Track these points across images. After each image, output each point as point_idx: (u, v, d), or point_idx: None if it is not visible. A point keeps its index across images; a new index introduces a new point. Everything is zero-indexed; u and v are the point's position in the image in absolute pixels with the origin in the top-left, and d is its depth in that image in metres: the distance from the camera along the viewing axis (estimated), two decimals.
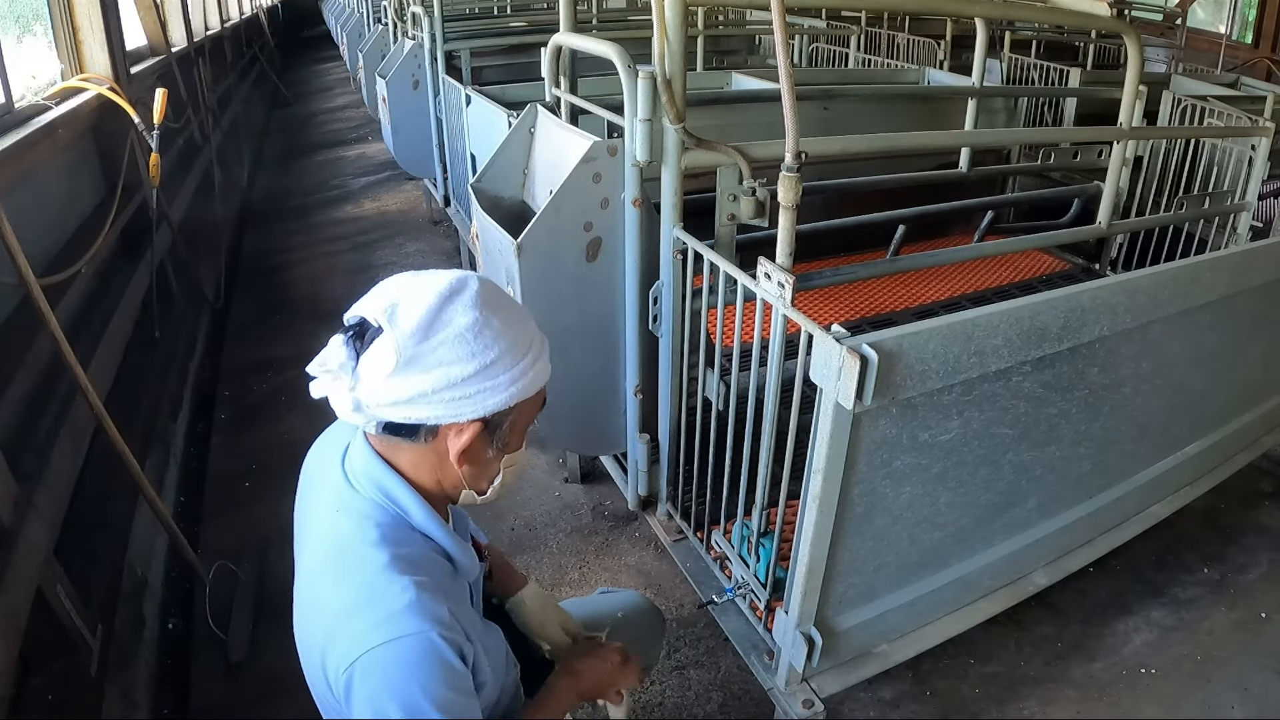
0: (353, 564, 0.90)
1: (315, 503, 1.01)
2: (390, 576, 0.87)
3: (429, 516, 0.96)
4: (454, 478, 0.97)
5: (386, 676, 0.84)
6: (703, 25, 3.96)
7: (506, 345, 0.89)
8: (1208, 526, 2.40)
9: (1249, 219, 2.44)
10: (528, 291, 1.77)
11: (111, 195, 3.10)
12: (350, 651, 0.85)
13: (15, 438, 1.90)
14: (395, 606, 0.85)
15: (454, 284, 0.89)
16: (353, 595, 0.88)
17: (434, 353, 0.86)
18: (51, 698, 1.59)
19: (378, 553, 0.89)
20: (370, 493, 0.95)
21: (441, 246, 5.01)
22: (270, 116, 9.56)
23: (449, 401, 0.88)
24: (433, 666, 0.85)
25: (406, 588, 0.86)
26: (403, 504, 0.95)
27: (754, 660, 1.65)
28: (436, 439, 0.93)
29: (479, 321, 0.88)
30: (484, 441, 0.95)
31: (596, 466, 2.68)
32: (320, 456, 1.05)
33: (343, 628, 0.87)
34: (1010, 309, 1.32)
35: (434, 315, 0.87)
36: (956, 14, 3.69)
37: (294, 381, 3.42)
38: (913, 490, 1.44)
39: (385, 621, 0.85)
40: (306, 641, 0.93)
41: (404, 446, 0.94)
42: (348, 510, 0.94)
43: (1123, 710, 1.86)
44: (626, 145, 1.67)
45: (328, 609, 0.89)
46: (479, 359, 0.87)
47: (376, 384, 0.87)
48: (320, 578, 0.93)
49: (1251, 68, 6.29)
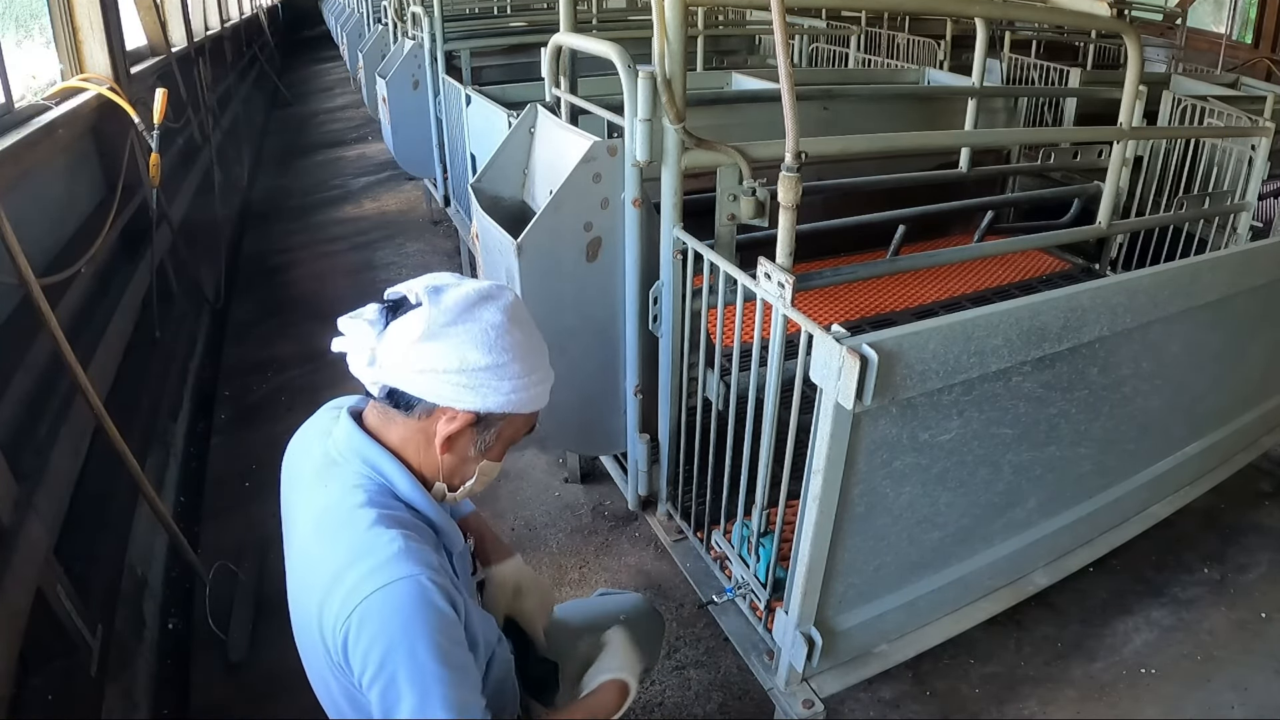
0: (341, 525, 0.93)
1: (299, 486, 1.04)
2: (378, 530, 0.91)
3: (414, 487, 0.99)
4: (433, 464, 1.00)
5: (383, 621, 0.86)
6: (703, 25, 3.96)
7: (518, 355, 0.96)
8: (1208, 526, 2.40)
9: (1249, 219, 2.44)
10: (528, 291, 1.76)
11: (111, 195, 3.10)
12: (346, 604, 0.87)
13: (15, 438, 1.90)
14: (385, 555, 0.89)
15: (494, 290, 0.98)
16: (344, 552, 0.90)
17: (458, 336, 0.93)
18: (51, 698, 1.59)
19: (365, 511, 0.93)
20: (355, 465, 0.99)
21: (441, 246, 5.01)
22: (270, 116, 9.56)
23: (454, 385, 0.94)
24: (426, 611, 0.88)
25: (394, 538, 0.90)
26: (387, 474, 0.98)
27: (754, 660, 1.65)
28: (429, 418, 0.97)
29: (504, 326, 0.95)
30: (469, 437, 0.99)
31: (596, 466, 2.68)
32: (298, 448, 1.09)
33: (337, 583, 0.89)
34: (1010, 309, 1.32)
35: (470, 305, 0.94)
36: (956, 14, 3.69)
37: (294, 381, 3.42)
38: (913, 490, 1.44)
39: (377, 569, 0.88)
40: (303, 615, 0.95)
41: (397, 420, 0.99)
42: (332, 480, 0.98)
43: (1123, 710, 1.86)
44: (626, 145, 1.67)
45: (321, 572, 0.91)
46: (493, 356, 0.94)
47: (398, 346, 0.93)
48: (311, 546, 0.95)
49: (1251, 68, 6.29)
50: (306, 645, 0.96)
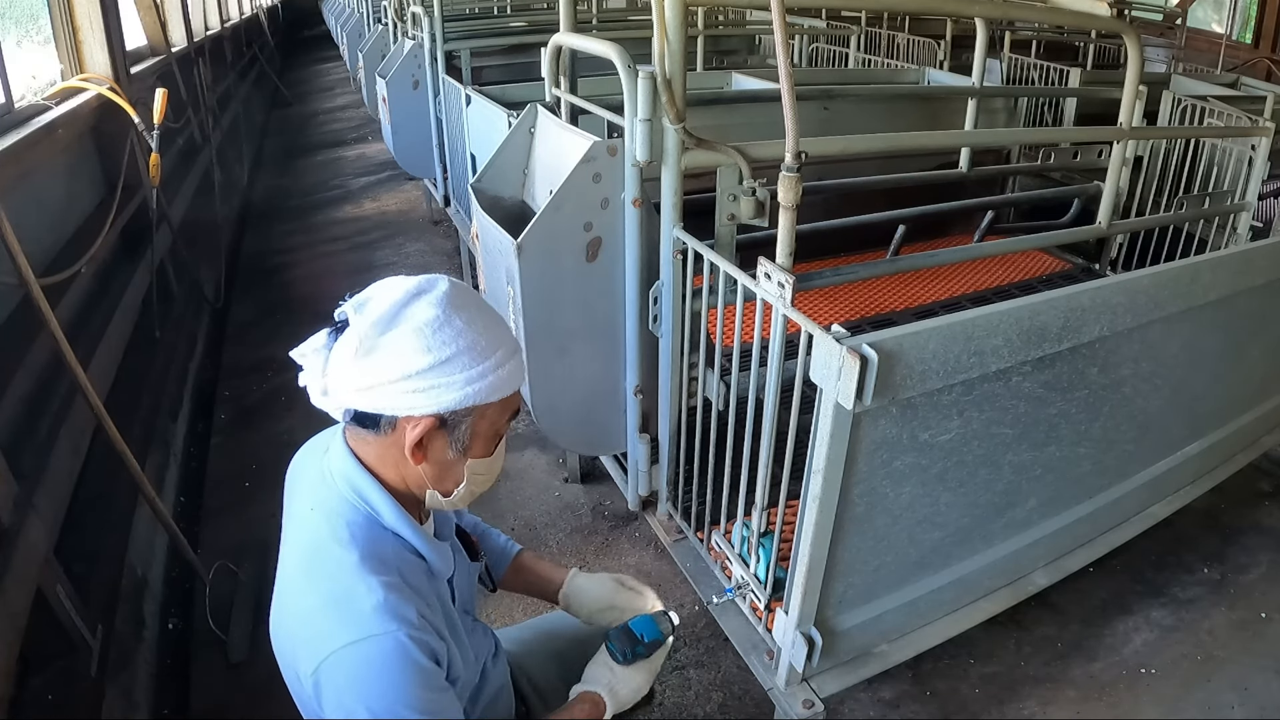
0: (323, 564, 0.92)
1: (297, 502, 1.03)
2: (359, 576, 0.89)
3: (399, 516, 0.97)
4: (415, 476, 0.98)
5: (355, 675, 0.86)
6: (703, 25, 3.96)
7: (465, 345, 0.90)
8: (1208, 526, 2.40)
9: (1249, 219, 2.44)
10: (528, 291, 1.77)
11: (111, 195, 3.10)
12: (319, 651, 0.86)
13: (15, 438, 1.90)
14: (363, 607, 0.87)
15: (423, 284, 0.93)
16: (322, 595, 0.90)
17: (392, 342, 0.89)
18: (51, 698, 1.59)
19: (347, 552, 0.91)
20: (344, 490, 0.97)
21: (441, 246, 5.01)
22: (270, 116, 9.57)
23: (404, 393, 0.90)
24: (402, 666, 0.87)
25: (374, 588, 0.88)
26: (373, 503, 0.96)
27: (754, 660, 1.64)
28: (395, 431, 0.94)
29: (439, 319, 0.90)
30: (441, 440, 0.95)
31: (596, 466, 2.68)
32: (303, 459, 1.08)
33: (313, 626, 0.88)
34: (1010, 309, 1.32)
35: (397, 309, 0.90)
36: (956, 14, 3.69)
37: (294, 381, 3.37)
38: (913, 490, 1.44)
39: (353, 623, 0.86)
40: (282, 641, 0.94)
41: (369, 439, 0.96)
42: (321, 508, 0.96)
43: (1123, 710, 1.86)
44: (626, 145, 1.67)
45: (299, 608, 0.91)
46: (434, 354, 0.89)
47: (341, 370, 0.91)
48: (293, 578, 0.94)
49: (1251, 68, 6.29)
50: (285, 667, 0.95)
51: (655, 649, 1.22)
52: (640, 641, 1.21)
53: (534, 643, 1.41)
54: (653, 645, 1.21)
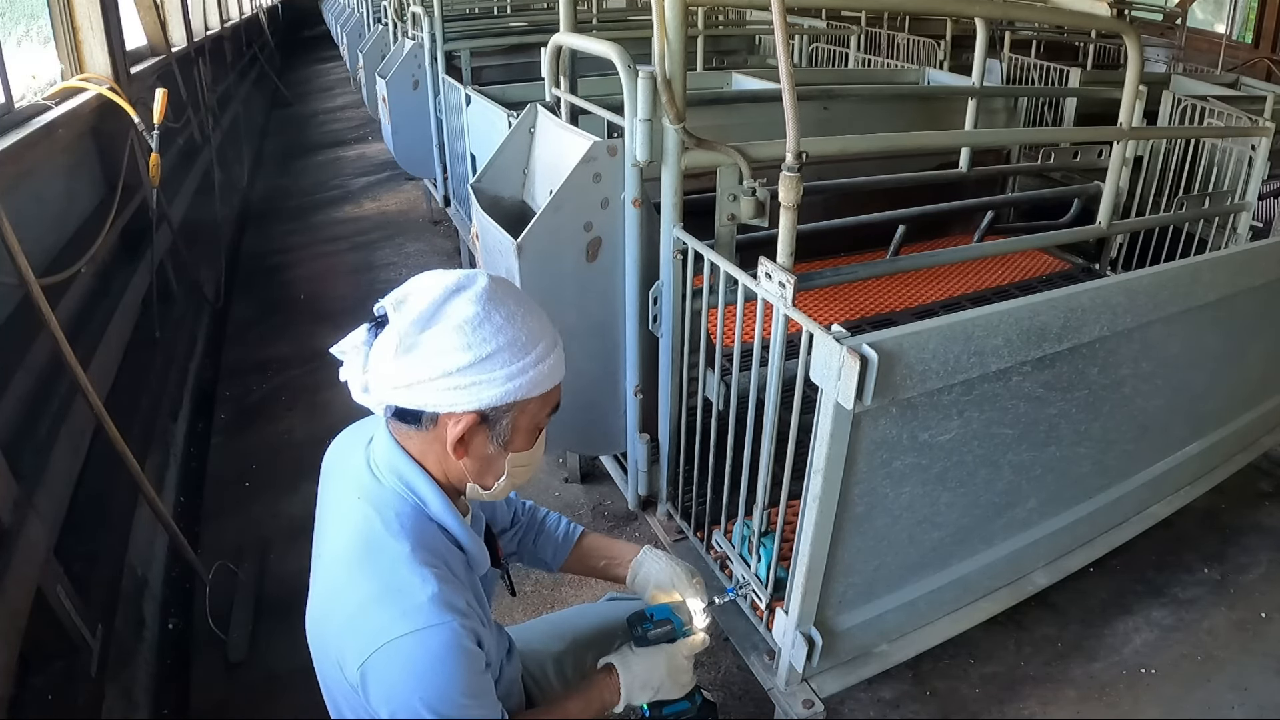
0: (375, 554, 0.92)
1: (337, 491, 1.03)
2: (412, 568, 0.90)
3: (445, 507, 0.98)
4: (458, 469, 0.98)
5: (411, 666, 0.86)
6: (703, 25, 3.96)
7: (505, 341, 0.91)
8: (1208, 526, 2.39)
9: (1249, 219, 2.44)
10: (527, 291, 1.76)
11: (111, 195, 3.10)
12: (372, 641, 0.86)
13: (15, 438, 1.90)
14: (419, 598, 0.88)
15: (462, 280, 0.92)
16: (376, 585, 0.90)
17: (432, 341, 0.89)
18: (51, 698, 1.59)
19: (400, 544, 0.92)
20: (392, 482, 0.97)
21: (441, 246, 5.01)
22: (270, 116, 9.56)
23: (445, 390, 0.91)
24: (457, 655, 0.88)
25: (428, 580, 0.89)
26: (421, 494, 0.97)
27: (754, 660, 1.64)
28: (437, 427, 0.95)
29: (479, 316, 0.90)
30: (482, 436, 0.96)
31: (596, 466, 2.68)
32: (343, 446, 1.08)
33: (366, 617, 0.88)
34: (1010, 309, 1.32)
35: (437, 307, 0.90)
36: (956, 14, 3.69)
37: (294, 381, 3.42)
38: (913, 490, 1.44)
39: (410, 613, 0.87)
40: (322, 628, 0.94)
41: (412, 434, 0.97)
42: (370, 499, 0.97)
43: (1123, 710, 1.86)
44: (626, 145, 1.67)
45: (349, 598, 0.91)
46: (474, 351, 0.89)
47: (381, 368, 0.91)
48: (341, 566, 0.94)
49: (1251, 68, 6.29)
50: (322, 656, 0.95)
51: (662, 628, 1.24)
52: (649, 619, 1.24)
53: (535, 644, 1.41)
54: (660, 624, 1.24)
